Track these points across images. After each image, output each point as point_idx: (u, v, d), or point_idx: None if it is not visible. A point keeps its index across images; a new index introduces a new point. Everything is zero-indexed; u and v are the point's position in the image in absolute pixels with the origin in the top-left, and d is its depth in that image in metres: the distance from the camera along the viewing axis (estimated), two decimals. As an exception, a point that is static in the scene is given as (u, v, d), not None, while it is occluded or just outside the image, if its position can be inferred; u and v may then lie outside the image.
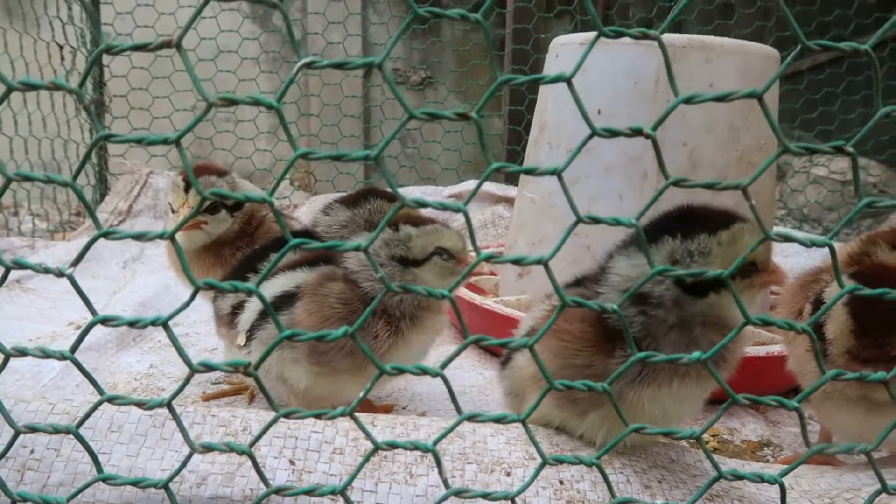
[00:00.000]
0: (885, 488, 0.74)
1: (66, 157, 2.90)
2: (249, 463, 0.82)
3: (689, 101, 0.68)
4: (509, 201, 2.77)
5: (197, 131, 3.47)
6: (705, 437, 1.35)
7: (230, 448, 0.67)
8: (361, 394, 0.73)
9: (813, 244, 0.69)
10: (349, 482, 0.73)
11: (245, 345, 1.17)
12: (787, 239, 0.71)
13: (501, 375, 1.06)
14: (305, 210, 2.87)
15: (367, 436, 0.71)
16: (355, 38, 4.08)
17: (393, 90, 0.66)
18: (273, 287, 1.15)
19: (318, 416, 0.70)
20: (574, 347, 0.88)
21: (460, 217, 3.00)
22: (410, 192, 2.98)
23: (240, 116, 3.54)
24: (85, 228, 2.89)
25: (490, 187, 2.83)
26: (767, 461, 1.27)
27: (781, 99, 3.85)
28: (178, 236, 1.45)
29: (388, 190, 2.00)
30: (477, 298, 1.68)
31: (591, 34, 1.74)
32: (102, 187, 3.02)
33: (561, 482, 0.86)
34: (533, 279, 1.78)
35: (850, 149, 0.67)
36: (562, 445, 0.93)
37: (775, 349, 1.38)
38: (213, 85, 3.13)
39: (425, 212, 1.24)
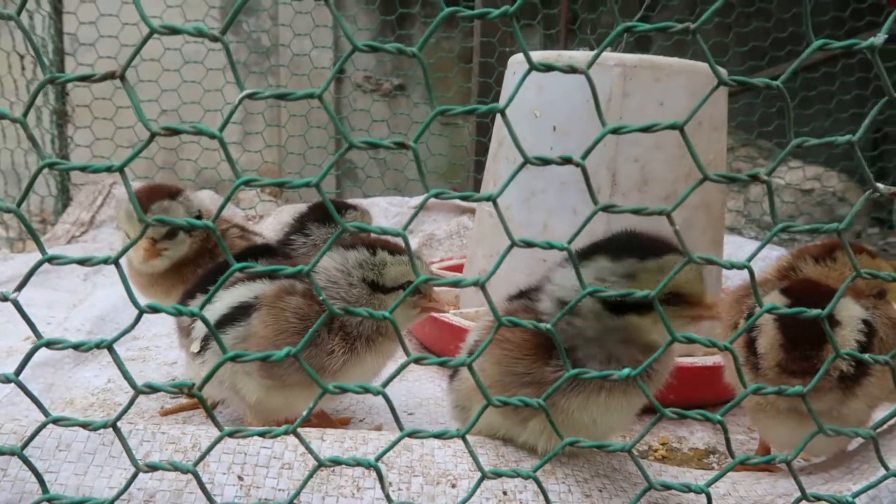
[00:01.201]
0: (804, 496, 0.79)
1: (28, 167, 2.87)
2: (198, 480, 0.83)
3: (615, 131, 0.72)
4: (474, 212, 2.81)
5: (163, 142, 3.44)
6: (655, 445, 1.40)
7: (175, 467, 0.69)
8: (305, 412, 0.75)
9: (733, 266, 0.73)
10: (294, 497, 0.75)
11: (199, 353, 1.17)
12: (708, 262, 0.75)
13: (449, 388, 1.09)
14: (272, 221, 2.87)
15: (310, 452, 0.73)
16: (327, 50, 4.09)
17: (335, 122, 0.69)
18: (231, 297, 1.16)
19: (262, 435, 0.72)
20: (514, 356, 0.92)
21: (428, 228, 3.03)
22: (377, 202, 3.00)
23: (183, 117, 3.51)
24: (46, 239, 2.85)
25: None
26: (713, 468, 1.31)
27: (741, 111, 3.96)
28: (140, 263, 1.45)
29: (358, 203, 2.00)
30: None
31: (548, 52, 1.78)
32: (64, 197, 2.99)
33: (504, 493, 0.89)
34: (492, 290, 1.81)
35: (764, 177, 0.72)
36: (507, 457, 0.96)
37: (721, 359, 1.43)
38: (179, 95, 3.12)
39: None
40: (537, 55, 1.71)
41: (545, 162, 0.72)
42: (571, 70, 0.71)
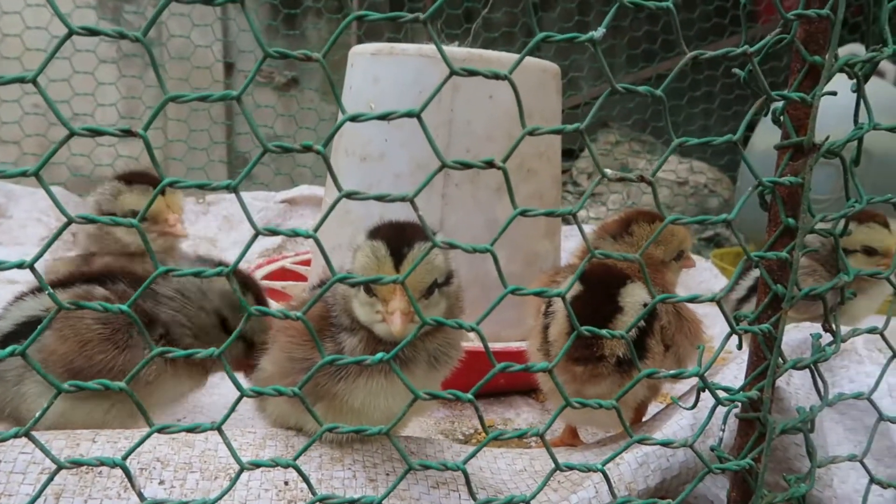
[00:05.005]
0: (557, 467, 0.83)
1: None
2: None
3: (353, 119, 0.73)
4: (341, 206, 2.80)
5: (29, 127, 3.24)
6: (480, 428, 1.44)
7: None
8: (39, 413, 0.72)
9: (475, 250, 0.76)
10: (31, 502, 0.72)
11: None
12: (451, 246, 0.77)
13: (251, 379, 1.08)
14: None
15: (47, 455, 0.70)
16: (208, 33, 3.93)
17: (49, 104, 0.66)
18: (19, 311, 1.08)
19: (-13, 438, 0.68)
20: (295, 342, 0.92)
21: (295, 222, 2.99)
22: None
23: (75, 110, 3.34)
24: None
25: (321, 191, 2.84)
26: (531, 447, 1.36)
27: (637, 109, 4.16)
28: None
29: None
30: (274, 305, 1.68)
31: (383, 45, 1.79)
32: None
33: (286, 483, 0.89)
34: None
35: (499, 163, 0.75)
36: (297, 447, 0.96)
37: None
38: (70, 85, 2.96)
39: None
40: (371, 48, 1.72)
41: (286, 150, 0.72)
42: (307, 58, 0.71)
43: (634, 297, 1.10)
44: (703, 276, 2.67)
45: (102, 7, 3.74)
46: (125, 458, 0.72)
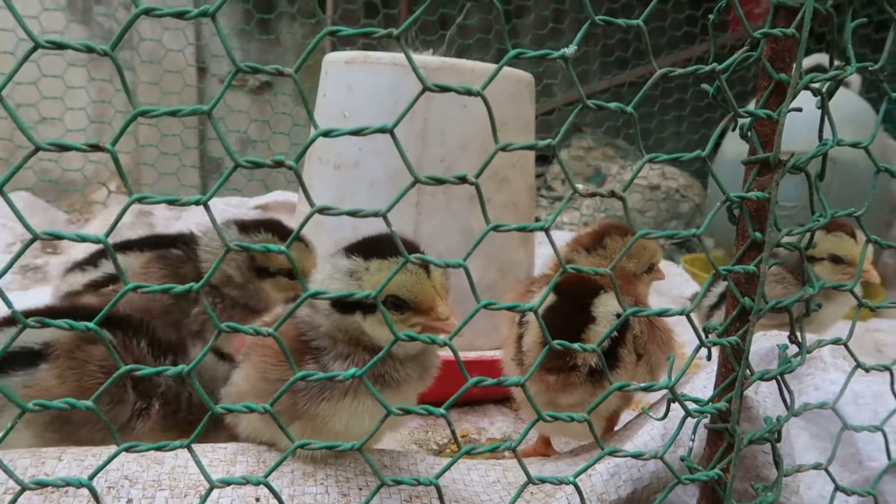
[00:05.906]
0: (529, 480, 0.83)
1: None
2: None
3: (326, 134, 0.72)
4: (315, 212, 2.77)
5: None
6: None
7: None
8: (7, 427, 0.70)
9: (448, 265, 0.76)
10: (-8, 525, 0.70)
11: None
12: (425, 262, 0.77)
13: (223, 393, 1.06)
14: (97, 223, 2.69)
15: (10, 475, 0.69)
16: (180, 36, 3.87)
17: (14, 119, 0.64)
18: (6, 339, 1.05)
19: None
20: (271, 362, 0.91)
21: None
22: (214, 203, 2.90)
23: (44, 114, 3.27)
24: None
25: (295, 197, 2.82)
26: (504, 457, 1.37)
27: (609, 116, 4.19)
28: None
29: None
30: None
31: (357, 53, 1.78)
32: None
33: (257, 499, 0.88)
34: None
35: (472, 179, 0.75)
36: (269, 462, 0.95)
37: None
38: (38, 89, 2.89)
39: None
40: (346, 55, 1.71)
41: (257, 165, 0.71)
42: (278, 73, 0.70)
43: (607, 308, 1.11)
44: (674, 282, 2.70)
45: (72, 9, 3.68)
46: (91, 477, 0.71)
